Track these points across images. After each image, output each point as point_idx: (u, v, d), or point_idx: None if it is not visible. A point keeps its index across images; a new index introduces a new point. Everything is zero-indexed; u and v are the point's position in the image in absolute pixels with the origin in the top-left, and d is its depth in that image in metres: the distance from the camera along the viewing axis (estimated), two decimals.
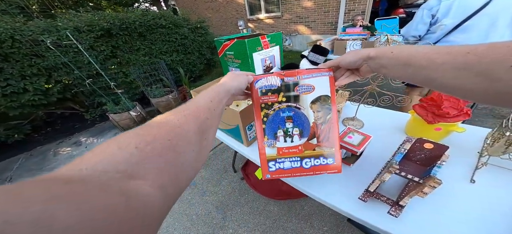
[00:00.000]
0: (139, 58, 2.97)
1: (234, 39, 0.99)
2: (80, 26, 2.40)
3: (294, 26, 5.35)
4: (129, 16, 2.75)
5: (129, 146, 0.18)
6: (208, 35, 4.05)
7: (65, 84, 2.51)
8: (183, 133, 0.24)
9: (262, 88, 0.47)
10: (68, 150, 2.43)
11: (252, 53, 0.96)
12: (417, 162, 0.55)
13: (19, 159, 2.35)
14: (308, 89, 0.47)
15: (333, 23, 4.56)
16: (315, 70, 0.46)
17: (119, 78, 2.82)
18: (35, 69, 2.21)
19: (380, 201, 0.51)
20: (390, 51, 0.34)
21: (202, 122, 0.28)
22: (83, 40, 2.39)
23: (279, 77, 0.47)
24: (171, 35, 3.29)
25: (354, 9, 4.05)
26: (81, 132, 2.81)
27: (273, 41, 1.04)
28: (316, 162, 0.48)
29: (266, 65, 1.09)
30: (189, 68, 3.73)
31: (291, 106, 0.48)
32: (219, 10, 7.08)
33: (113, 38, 2.69)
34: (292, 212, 1.30)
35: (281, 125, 0.48)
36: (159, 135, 0.21)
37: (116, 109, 2.39)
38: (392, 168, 0.46)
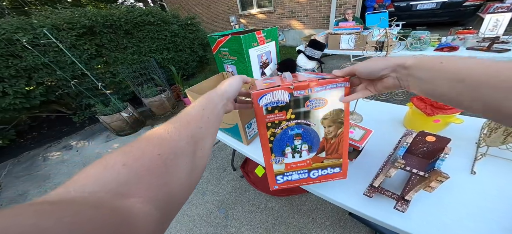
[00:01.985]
0: (127, 57, 2.83)
1: (229, 35, 0.95)
2: (58, 24, 2.24)
3: (287, 21, 5.30)
4: (113, 13, 2.60)
5: (116, 165, 0.18)
6: (199, 31, 3.93)
7: (47, 86, 2.36)
8: (174, 144, 0.23)
9: (268, 106, 0.41)
10: (58, 154, 2.32)
11: (248, 49, 0.93)
12: (419, 155, 0.55)
13: (7, 166, 2.23)
14: (320, 103, 0.42)
15: (325, 17, 4.56)
16: (330, 81, 0.40)
17: (107, 78, 2.69)
18: (13, 70, 2.05)
19: (385, 196, 0.50)
20: (438, 61, 0.26)
21: (194, 132, 0.27)
22: (63, 38, 2.24)
23: (287, 91, 0.40)
24: (160, 33, 3.15)
25: (345, 3, 4.05)
26: (70, 135, 2.68)
27: (269, 37, 1.01)
28: (323, 172, 0.49)
29: (262, 62, 1.06)
30: (181, 66, 3.62)
31: (301, 123, 0.44)
32: (209, 6, 6.89)
33: (96, 36, 2.54)
34: (293, 208, 1.31)
35: (289, 143, 0.46)
36: (147, 150, 0.20)
37: (106, 111, 2.28)
38: (397, 163, 0.45)
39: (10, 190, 1.85)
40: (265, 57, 1.06)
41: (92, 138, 2.55)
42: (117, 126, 2.36)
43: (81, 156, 2.22)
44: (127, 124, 2.41)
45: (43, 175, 2.00)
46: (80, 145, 2.44)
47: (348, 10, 3.16)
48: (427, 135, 0.50)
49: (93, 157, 2.17)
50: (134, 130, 2.52)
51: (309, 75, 0.49)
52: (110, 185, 0.16)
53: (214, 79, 1.07)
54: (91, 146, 2.39)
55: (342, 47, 1.94)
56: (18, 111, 2.26)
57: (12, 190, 1.84)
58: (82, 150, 2.34)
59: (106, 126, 2.37)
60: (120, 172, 0.17)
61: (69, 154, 2.29)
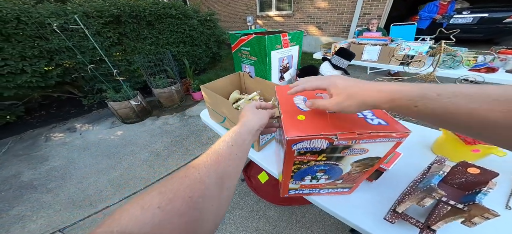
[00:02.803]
0: (145, 47, 2.96)
1: (252, 34, 0.96)
2: (89, 11, 2.40)
3: (304, 26, 5.32)
4: (140, 4, 2.76)
5: (152, 206, 0.20)
6: (216, 28, 4.03)
7: (65, 68, 2.50)
8: (204, 187, 0.24)
9: (301, 150, 0.39)
10: (61, 135, 2.39)
11: (270, 51, 0.93)
12: (454, 186, 0.52)
13: (8, 142, 2.30)
14: (359, 152, 0.39)
15: (345, 25, 4.53)
16: (384, 135, 0.35)
17: (123, 66, 2.81)
18: (36, 51, 2.20)
19: (408, 223, 0.48)
20: (413, 104, 0.25)
21: (223, 171, 0.28)
22: (90, 25, 2.40)
23: (328, 141, 0.36)
24: (180, 26, 3.27)
25: (369, 13, 4.01)
26: (77, 117, 2.78)
27: (294, 40, 1.01)
28: (332, 190, 0.55)
29: (282, 65, 1.05)
30: (195, 60, 3.71)
31: (330, 164, 0.43)
32: (228, 4, 7.05)
33: (121, 25, 2.69)
34: (293, 218, 1.28)
35: (311, 174, 0.48)
36: (179, 192, 0.22)
37: (116, 97, 2.36)
38: (436, 193, 0.42)
39: (5, 169, 1.89)
40: (286, 61, 1.05)
41: (97, 122, 2.63)
42: (124, 113, 2.43)
43: (82, 140, 2.27)
44: (134, 112, 2.48)
45: (41, 157, 2.04)
46: (84, 128, 2.51)
47: (373, 20, 3.12)
48: (469, 166, 0.47)
49: (94, 143, 2.21)
50: (140, 119, 2.58)
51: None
52: (146, 227, 0.18)
53: (230, 78, 1.07)
54: (95, 130, 2.46)
55: (364, 58, 1.90)
56: (32, 89, 2.39)
57: (7, 170, 1.88)
58: (85, 133, 2.41)
59: (113, 112, 2.45)
60: (154, 214, 0.19)
61: (72, 137, 2.35)
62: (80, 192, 1.60)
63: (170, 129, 2.37)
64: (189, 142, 2.13)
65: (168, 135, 2.26)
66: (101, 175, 1.75)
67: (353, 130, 0.35)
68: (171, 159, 1.90)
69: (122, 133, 2.35)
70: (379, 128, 0.36)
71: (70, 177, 1.75)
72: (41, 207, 1.49)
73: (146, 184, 1.64)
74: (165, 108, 2.84)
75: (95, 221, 1.38)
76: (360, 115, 0.41)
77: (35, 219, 1.40)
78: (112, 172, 1.78)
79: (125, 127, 2.49)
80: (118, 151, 2.05)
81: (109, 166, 1.85)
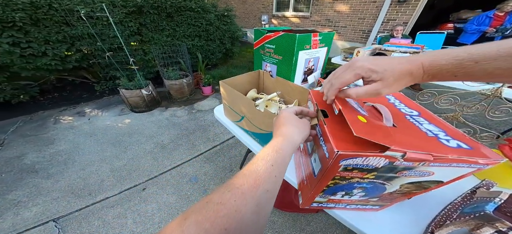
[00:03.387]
0: (162, 38, 3.00)
1: (280, 32, 0.90)
2: (116, 0, 2.49)
3: (320, 29, 5.17)
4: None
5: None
6: (232, 25, 4.02)
7: (84, 53, 2.56)
8: (240, 217, 0.23)
9: (349, 166, 0.32)
10: (70, 119, 2.42)
11: (299, 51, 0.87)
12: (507, 214, 0.45)
13: (17, 121, 2.36)
14: (421, 175, 0.33)
15: (365, 31, 4.37)
16: (469, 161, 0.29)
17: (138, 55, 2.86)
18: (61, 36, 2.28)
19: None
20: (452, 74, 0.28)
21: (260, 197, 0.25)
22: (115, 14, 2.46)
23: (389, 160, 0.29)
24: (197, 20, 3.30)
25: (395, 19, 3.84)
26: (87, 102, 2.83)
27: (324, 42, 0.94)
28: (361, 206, 0.48)
29: (307, 67, 0.99)
30: (208, 55, 3.72)
31: (376, 182, 0.36)
32: (245, 1, 7.03)
33: (142, 16, 2.77)
34: (297, 226, 1.23)
35: (347, 190, 0.40)
36: (215, 222, 0.21)
37: (128, 85, 2.38)
38: (500, 223, 0.35)
39: (11, 149, 1.89)
40: (312, 63, 0.99)
41: (106, 108, 2.65)
42: (134, 101, 2.44)
43: (90, 126, 2.28)
44: (144, 101, 2.49)
45: (47, 139, 2.04)
46: (93, 114, 2.54)
47: (398, 27, 2.98)
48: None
49: (102, 129, 2.21)
50: (149, 109, 2.59)
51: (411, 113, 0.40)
52: None
53: (250, 75, 1.02)
54: (103, 116, 2.48)
55: None
56: (49, 72, 2.45)
57: (12, 150, 1.88)
58: (94, 119, 2.42)
59: (124, 100, 2.47)
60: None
61: (80, 121, 2.37)
62: (81, 180, 1.57)
63: (178, 122, 2.35)
64: (196, 136, 2.09)
65: (175, 128, 2.24)
66: (104, 164, 1.73)
67: (426, 149, 0.28)
68: (176, 152, 1.87)
69: (130, 122, 2.36)
70: (461, 152, 0.29)
71: (73, 163, 1.73)
72: (39, 194, 1.45)
73: (149, 177, 1.59)
74: (174, 100, 2.84)
75: (92, 212, 1.32)
76: (430, 134, 0.33)
77: (30, 206, 1.36)
78: (116, 162, 1.76)
79: (133, 115, 2.49)
80: (124, 139, 2.04)
81: (114, 155, 1.83)
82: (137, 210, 1.34)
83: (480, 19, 3.01)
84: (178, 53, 2.79)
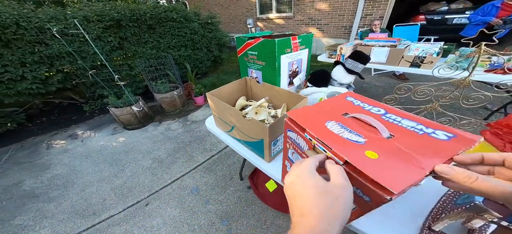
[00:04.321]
0: (146, 51, 2.90)
1: (260, 38, 0.88)
2: (90, 16, 2.34)
3: (305, 28, 5.25)
4: (141, 7, 2.71)
5: None
6: (218, 31, 3.97)
7: (66, 73, 2.42)
8: None
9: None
10: (63, 143, 2.33)
11: (280, 55, 0.85)
12: (498, 202, 0.45)
13: (9, 150, 2.24)
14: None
15: (347, 27, 4.46)
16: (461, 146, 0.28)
17: (124, 71, 2.75)
18: (36, 57, 2.13)
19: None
20: None
21: None
22: (91, 30, 2.33)
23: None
24: (181, 29, 3.22)
25: (371, 14, 3.94)
26: (78, 124, 2.72)
27: (304, 43, 0.93)
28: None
29: (292, 70, 0.98)
30: (196, 64, 3.65)
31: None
32: (228, 7, 7.01)
33: (121, 30, 2.64)
34: None
35: None
36: None
37: (117, 103, 2.29)
38: (488, 215, 0.35)
39: (7, 177, 1.83)
40: (296, 66, 0.98)
41: (99, 129, 2.56)
42: (126, 119, 2.36)
43: (84, 147, 2.22)
44: (136, 118, 2.40)
45: (42, 164, 1.99)
46: (86, 135, 2.45)
47: (375, 21, 3.04)
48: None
49: (96, 150, 2.16)
50: (142, 125, 2.51)
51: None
52: None
53: (238, 83, 1.00)
54: (97, 137, 2.40)
55: (372, 60, 1.82)
56: (33, 96, 2.32)
57: (9, 178, 1.82)
58: (87, 140, 2.35)
59: (115, 118, 2.38)
60: None
61: (73, 144, 2.30)
62: (83, 200, 1.55)
63: (173, 135, 2.30)
64: (193, 148, 2.05)
65: (171, 141, 2.19)
66: (103, 183, 1.70)
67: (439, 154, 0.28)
68: (175, 166, 1.83)
69: (124, 140, 2.29)
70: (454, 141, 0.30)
71: (73, 185, 1.70)
72: (44, 217, 1.44)
73: (150, 193, 1.57)
74: (167, 114, 2.77)
75: (99, 231, 1.32)
76: (421, 132, 0.33)
77: (38, 229, 1.36)
78: (115, 180, 1.72)
79: (127, 133, 2.41)
80: (120, 158, 1.99)
81: (112, 174, 1.80)
82: (143, 226, 1.33)
83: (486, 9, 2.62)
84: (165, 65, 2.73)
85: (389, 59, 1.74)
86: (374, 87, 3.06)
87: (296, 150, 0.40)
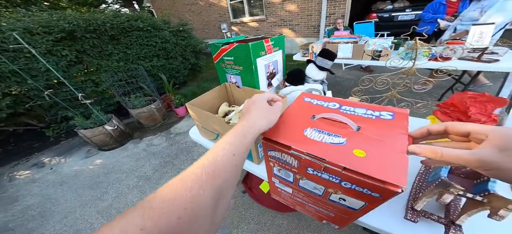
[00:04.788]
0: (112, 64, 2.64)
1: (234, 43, 0.88)
2: (32, 27, 2.02)
3: (278, 29, 5.40)
4: (97, 17, 2.43)
5: (135, 230, 0.17)
6: (191, 38, 3.84)
7: (15, 96, 2.08)
8: (195, 206, 0.21)
9: None
10: (28, 173, 2.05)
11: (256, 59, 0.87)
12: (461, 175, 0.51)
13: None
14: None
15: (315, 26, 4.71)
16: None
17: (88, 87, 2.46)
18: None
19: (430, 220, 0.46)
20: None
21: (220, 187, 0.24)
22: (37, 43, 2.02)
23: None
24: (150, 39, 3.01)
25: (334, 13, 4.22)
26: (42, 151, 2.41)
27: (277, 45, 0.96)
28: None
29: (269, 72, 1.00)
30: (173, 74, 3.47)
31: None
32: (200, 13, 6.85)
33: (77, 42, 2.33)
34: (302, 224, 1.24)
35: None
36: (167, 212, 0.19)
37: (86, 124, 2.07)
38: (453, 188, 0.40)
39: None
40: (272, 67, 1.00)
41: (69, 153, 2.30)
42: (99, 140, 2.15)
43: (56, 175, 1.98)
44: (111, 137, 2.21)
45: (9, 197, 1.75)
46: (55, 162, 2.18)
47: (338, 20, 3.28)
48: None
49: (71, 175, 1.95)
50: (119, 144, 2.31)
51: None
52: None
53: (218, 90, 0.99)
54: (68, 162, 2.15)
55: (339, 56, 1.96)
56: None
57: None
58: (58, 167, 2.09)
59: (87, 141, 2.15)
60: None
61: (42, 173, 2.03)
62: (67, 227, 1.44)
63: (157, 150, 2.17)
64: (180, 160, 1.96)
65: (156, 157, 2.06)
66: (87, 208, 1.57)
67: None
68: (164, 180, 1.74)
69: (102, 161, 2.09)
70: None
71: (52, 214, 1.56)
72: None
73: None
74: (147, 129, 2.59)
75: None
76: (374, 117, 0.37)
77: None
78: (100, 203, 1.60)
79: (104, 154, 2.21)
80: (101, 180, 1.83)
81: (95, 197, 1.65)
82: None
83: (434, 7, 2.61)
84: (137, 78, 2.55)
85: (354, 54, 1.90)
86: (346, 80, 3.28)
87: (284, 167, 0.39)
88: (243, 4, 5.64)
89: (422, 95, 2.15)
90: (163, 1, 7.56)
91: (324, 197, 0.39)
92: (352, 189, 0.31)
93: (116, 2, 8.99)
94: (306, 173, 0.36)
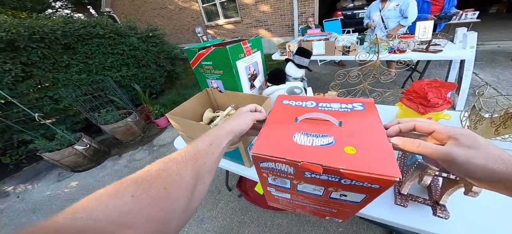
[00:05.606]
0: (72, 77, 2.31)
1: (211, 47, 0.84)
2: None
3: (255, 30, 5.40)
4: (44, 23, 2.09)
5: (126, 194, 0.19)
6: (164, 44, 3.58)
7: None
8: (179, 179, 0.24)
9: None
10: None
11: (235, 62, 0.84)
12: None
13: None
14: None
15: (289, 25, 4.83)
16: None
17: (46, 105, 2.13)
18: None
19: (417, 203, 0.49)
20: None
21: (199, 167, 0.28)
22: None
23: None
24: (115, 47, 2.70)
25: (305, 12, 4.38)
26: (2, 179, 2.08)
27: (255, 47, 0.95)
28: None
29: (250, 73, 0.98)
30: (147, 83, 3.21)
31: None
32: (171, 18, 6.49)
33: (21, 53, 1.98)
34: (302, 220, 1.24)
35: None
36: (156, 183, 0.22)
37: (51, 146, 1.80)
38: (430, 170, 0.42)
39: None
40: (253, 69, 0.98)
41: (36, 179, 2.01)
42: (71, 161, 1.90)
43: (25, 202, 1.74)
44: (84, 157, 1.97)
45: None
46: (21, 190, 1.90)
47: (309, 18, 3.40)
48: None
49: (44, 201, 1.73)
50: (96, 163, 2.08)
51: None
52: (114, 214, 0.17)
53: (199, 97, 0.93)
54: (38, 188, 1.88)
55: (315, 53, 2.03)
56: None
57: None
58: (26, 194, 1.83)
59: (55, 164, 1.88)
60: (127, 202, 0.19)
61: (7, 202, 1.78)
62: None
63: (141, 165, 2.00)
64: None
65: None
66: None
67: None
68: None
69: (78, 183, 1.87)
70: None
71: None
72: None
73: None
74: (126, 144, 2.36)
75: None
76: (348, 109, 0.38)
77: None
78: None
79: (78, 175, 1.97)
80: None
81: None
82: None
83: (419, 6, 2.28)
84: (106, 90, 2.30)
85: (326, 50, 1.99)
86: (324, 75, 3.41)
87: (279, 175, 0.37)
88: (216, 7, 5.50)
89: (389, 84, 2.36)
90: (127, 6, 6.95)
91: (324, 196, 0.39)
92: (352, 185, 0.31)
93: (66, 7, 7.99)
94: (303, 177, 0.35)
